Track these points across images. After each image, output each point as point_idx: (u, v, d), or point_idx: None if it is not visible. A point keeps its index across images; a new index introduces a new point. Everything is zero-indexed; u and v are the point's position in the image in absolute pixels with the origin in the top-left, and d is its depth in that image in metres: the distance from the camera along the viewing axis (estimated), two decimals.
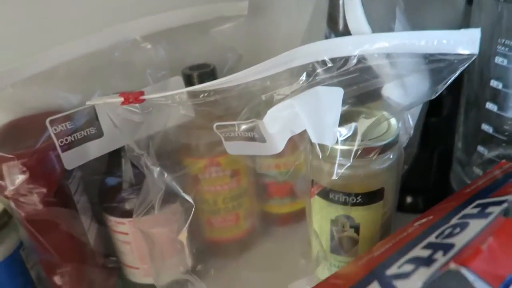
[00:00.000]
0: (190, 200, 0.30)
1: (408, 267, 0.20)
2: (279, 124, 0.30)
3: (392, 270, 0.20)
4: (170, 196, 0.29)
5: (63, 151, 0.30)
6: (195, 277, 0.30)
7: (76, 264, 0.33)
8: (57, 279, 0.33)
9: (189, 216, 0.29)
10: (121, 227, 0.36)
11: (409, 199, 0.48)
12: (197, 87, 0.28)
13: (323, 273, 0.36)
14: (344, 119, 0.29)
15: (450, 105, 0.42)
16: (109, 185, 0.35)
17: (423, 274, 0.18)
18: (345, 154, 0.29)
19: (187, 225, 0.29)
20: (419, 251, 0.21)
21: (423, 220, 0.27)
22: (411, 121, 0.31)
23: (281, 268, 0.38)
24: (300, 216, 0.44)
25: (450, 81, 0.28)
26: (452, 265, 0.18)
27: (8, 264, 0.32)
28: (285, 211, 0.45)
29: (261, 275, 0.38)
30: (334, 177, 0.29)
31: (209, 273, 0.36)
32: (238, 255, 0.42)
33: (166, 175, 0.29)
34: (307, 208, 0.34)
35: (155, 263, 0.31)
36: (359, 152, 0.29)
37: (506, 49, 0.31)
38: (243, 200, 0.41)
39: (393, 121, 0.31)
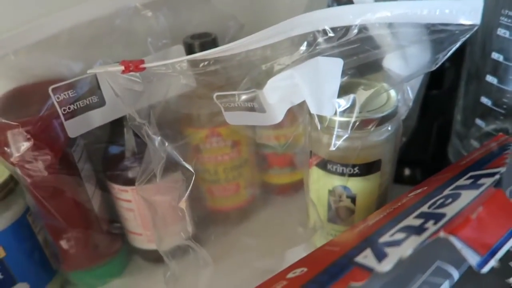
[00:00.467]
0: (191, 169, 0.30)
1: (399, 235, 0.20)
2: (278, 94, 0.30)
3: (384, 238, 0.21)
4: (171, 165, 0.30)
5: (66, 119, 0.30)
6: (196, 243, 0.31)
7: (81, 229, 0.35)
8: (63, 243, 0.35)
9: (189, 184, 0.30)
10: (124, 194, 0.36)
11: (407, 171, 0.48)
12: (197, 55, 0.28)
13: (320, 241, 0.37)
14: (343, 91, 0.29)
15: (451, 78, 0.42)
16: (112, 154, 0.36)
17: (413, 241, 0.19)
18: (343, 125, 0.30)
19: (187, 193, 0.30)
20: (411, 220, 0.22)
21: (418, 191, 0.27)
22: (410, 93, 0.32)
23: (280, 235, 0.39)
24: (298, 187, 0.45)
25: (450, 52, 0.28)
26: (442, 234, 0.18)
27: (15, 228, 0.33)
28: (284, 181, 0.46)
29: (260, 241, 0.39)
30: (332, 148, 0.30)
31: (210, 240, 0.37)
32: (238, 223, 0.43)
33: (167, 144, 0.30)
34: (304, 179, 0.34)
35: (158, 230, 0.32)
36: (357, 123, 0.29)
37: (509, 20, 0.30)
38: (243, 170, 0.42)
39: (392, 93, 0.31)
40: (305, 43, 0.29)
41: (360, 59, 0.30)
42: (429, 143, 0.47)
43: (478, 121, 0.35)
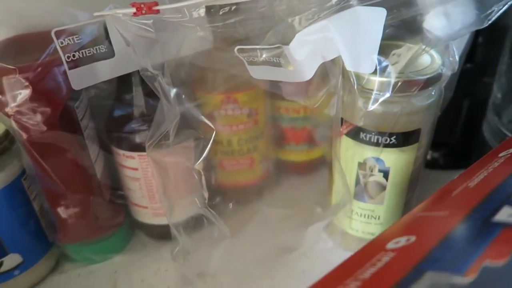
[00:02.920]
0: (211, 125, 0.27)
1: None
2: (308, 49, 0.27)
3: None
4: (186, 124, 0.27)
5: (70, 68, 0.27)
6: (212, 212, 0.28)
7: (82, 195, 0.31)
8: (61, 211, 0.31)
9: (208, 143, 0.27)
10: (130, 161, 0.33)
11: (429, 154, 0.45)
12: None
13: (342, 221, 0.34)
14: (381, 51, 0.26)
15: (485, 51, 0.39)
16: (118, 114, 0.32)
17: None
18: (383, 87, 0.26)
19: (205, 153, 0.27)
20: None
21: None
22: (456, 54, 0.28)
23: (296, 216, 0.36)
24: (315, 166, 0.42)
25: (508, 5, 0.25)
26: None
27: (8, 192, 0.30)
28: (301, 159, 0.43)
29: (276, 219, 0.36)
30: (370, 107, 0.26)
31: (227, 209, 0.33)
32: (249, 202, 0.40)
33: (183, 96, 0.26)
34: (333, 148, 0.31)
35: (169, 198, 0.29)
36: (399, 84, 0.26)
37: None
38: (259, 143, 0.39)
39: (436, 54, 0.28)
40: None
41: (401, 13, 0.27)
42: (457, 124, 0.44)
43: None
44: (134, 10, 0.26)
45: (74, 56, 0.27)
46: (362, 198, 0.32)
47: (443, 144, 0.45)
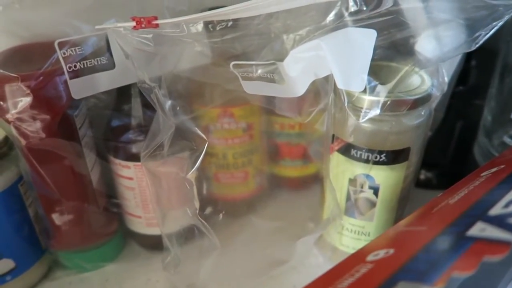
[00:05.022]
0: (203, 136, 0.28)
1: None
2: (301, 66, 0.28)
3: (496, 211, 0.18)
4: (180, 135, 0.27)
5: (71, 78, 0.28)
6: (203, 222, 0.28)
7: (77, 203, 0.32)
8: (55, 217, 0.32)
9: (201, 154, 0.27)
10: (125, 171, 0.34)
11: (422, 175, 0.46)
12: (213, 11, 0.26)
13: (331, 235, 0.34)
14: (372, 72, 0.27)
15: (478, 73, 0.40)
16: (116, 124, 0.33)
17: None
18: (373, 105, 0.27)
19: (198, 164, 0.27)
20: None
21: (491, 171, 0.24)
22: (446, 76, 0.29)
23: (288, 229, 0.36)
24: (309, 182, 0.42)
25: (494, 30, 0.26)
26: None
27: (5, 197, 0.30)
28: (295, 175, 0.44)
29: (267, 233, 0.36)
30: (361, 120, 0.27)
31: (219, 220, 0.34)
32: (242, 215, 0.40)
33: (178, 108, 0.27)
34: (325, 164, 0.32)
35: (162, 208, 0.29)
36: (389, 103, 0.27)
37: None
38: (253, 157, 0.39)
39: (426, 75, 0.29)
40: (333, 12, 0.27)
41: (392, 35, 0.28)
42: (450, 145, 0.44)
43: None
44: (134, 24, 0.26)
45: (75, 66, 0.28)
46: (352, 214, 0.32)
47: (436, 164, 0.45)
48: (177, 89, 0.31)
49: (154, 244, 0.37)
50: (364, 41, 0.26)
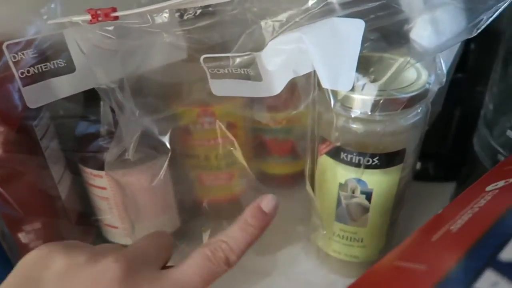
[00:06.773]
0: (167, 144, 0.25)
1: None
2: (281, 59, 0.25)
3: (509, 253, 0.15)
4: (146, 140, 0.25)
5: (24, 85, 0.25)
6: (178, 241, 0.26)
7: (44, 219, 0.29)
8: (22, 237, 0.29)
9: (164, 163, 0.25)
10: (98, 180, 0.31)
11: (418, 165, 0.43)
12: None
13: (322, 242, 0.32)
14: (362, 66, 0.24)
15: (477, 60, 0.37)
16: (85, 131, 0.30)
17: None
18: (364, 105, 0.24)
19: (162, 173, 0.25)
20: None
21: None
22: (444, 67, 0.26)
23: (276, 233, 0.34)
24: (300, 178, 0.40)
25: (497, 13, 0.23)
26: None
27: None
28: (284, 172, 0.41)
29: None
30: (351, 123, 0.24)
31: (196, 233, 0.31)
32: (228, 218, 0.38)
33: (139, 113, 0.24)
34: (306, 169, 0.29)
35: (130, 218, 0.27)
36: (381, 103, 0.24)
37: None
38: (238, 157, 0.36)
39: (422, 68, 0.26)
40: None
41: (383, 22, 0.24)
42: (448, 135, 0.42)
43: None
44: (89, 17, 0.23)
45: (28, 71, 0.25)
46: (344, 220, 0.30)
47: (434, 154, 0.43)
48: (144, 88, 0.28)
49: None
50: (351, 33, 0.23)
